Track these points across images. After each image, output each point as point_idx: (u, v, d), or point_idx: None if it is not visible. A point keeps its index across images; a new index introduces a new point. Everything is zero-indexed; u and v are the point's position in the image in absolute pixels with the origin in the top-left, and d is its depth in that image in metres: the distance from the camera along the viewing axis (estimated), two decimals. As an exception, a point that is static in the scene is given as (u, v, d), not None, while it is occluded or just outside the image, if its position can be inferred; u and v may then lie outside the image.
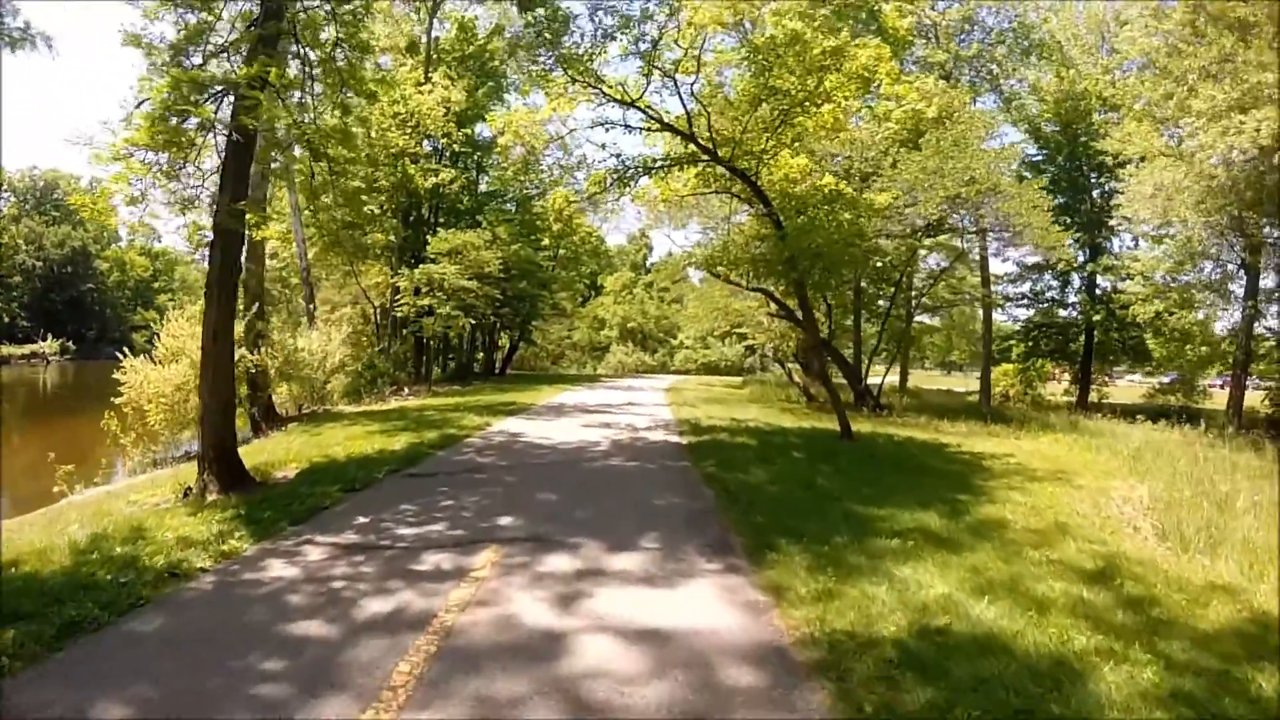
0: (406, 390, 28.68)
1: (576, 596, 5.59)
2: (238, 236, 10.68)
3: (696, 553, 6.76)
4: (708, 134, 15.04)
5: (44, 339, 69.03)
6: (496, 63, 35.07)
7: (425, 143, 34.02)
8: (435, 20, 36.16)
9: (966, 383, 57.09)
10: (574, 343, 67.92)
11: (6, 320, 71.17)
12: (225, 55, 10.63)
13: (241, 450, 15.24)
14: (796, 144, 16.73)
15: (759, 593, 5.76)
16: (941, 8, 33.37)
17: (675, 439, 14.93)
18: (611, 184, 15.63)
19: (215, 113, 10.53)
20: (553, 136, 17.73)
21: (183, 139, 10.13)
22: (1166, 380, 34.92)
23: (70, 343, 71.91)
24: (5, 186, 78.07)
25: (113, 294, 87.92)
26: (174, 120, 9.89)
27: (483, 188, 40.39)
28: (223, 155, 10.67)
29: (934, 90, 24.86)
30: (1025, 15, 34.03)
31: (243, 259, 21.87)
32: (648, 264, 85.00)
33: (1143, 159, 24.95)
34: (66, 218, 78.48)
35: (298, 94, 11.59)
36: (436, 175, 32.60)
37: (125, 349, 18.82)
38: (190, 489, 9.98)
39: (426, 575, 6.05)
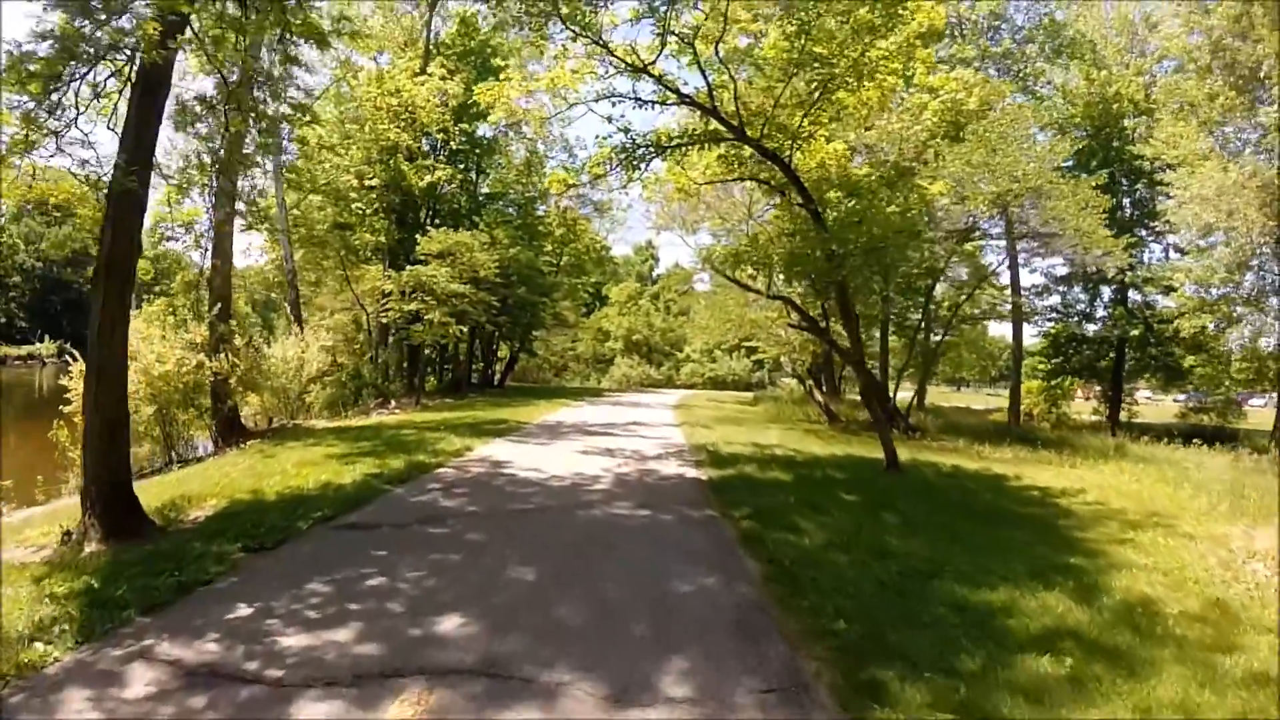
0: (394, 403, 26.32)
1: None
2: (135, 207, 8.21)
3: (757, 708, 4.09)
4: (733, 107, 12.62)
5: (41, 340, 67.00)
6: (499, 59, 32.90)
7: (424, 141, 31.99)
8: (436, 15, 34.30)
9: (978, 399, 55.15)
10: (577, 355, 65.43)
11: (4, 321, 69.21)
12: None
13: (165, 479, 13.20)
14: (834, 125, 14.27)
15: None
16: (969, 3, 31.27)
17: (693, 472, 12.30)
18: (617, 166, 13.12)
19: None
20: (544, 115, 14.90)
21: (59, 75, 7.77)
22: (1196, 399, 33.61)
23: (68, 345, 69.46)
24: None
25: (137, 299, 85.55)
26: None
27: (484, 190, 38.28)
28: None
29: (974, 80, 22.49)
30: (1054, 13, 32.06)
31: (207, 256, 20.19)
32: (654, 275, 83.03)
33: (1183, 163, 23.43)
34: (68, 218, 76.61)
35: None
36: (432, 173, 30.37)
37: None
38: (69, 533, 7.73)
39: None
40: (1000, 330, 38.45)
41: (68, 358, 16.72)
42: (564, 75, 13.58)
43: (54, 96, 8.19)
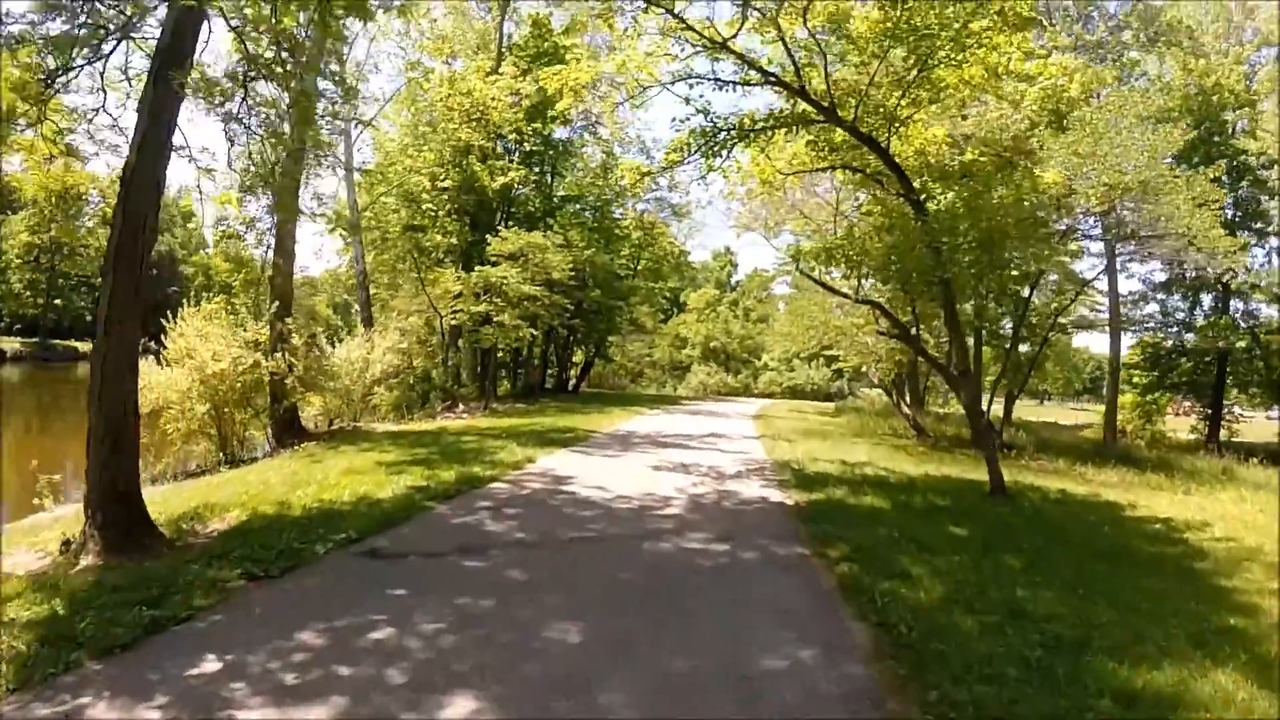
0: (461, 407, 25.58)
1: None
2: (149, 191, 7.31)
3: None
4: (824, 87, 11.27)
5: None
6: (574, 60, 32.07)
7: (497, 143, 31.41)
8: (509, 21, 33.82)
9: (1063, 414, 52.52)
10: (654, 361, 64.28)
11: (90, 319, 71.71)
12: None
13: (203, 483, 12.44)
14: (934, 107, 12.73)
15: None
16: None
17: (777, 495, 10.77)
18: (696, 153, 11.86)
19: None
20: (615, 102, 13.62)
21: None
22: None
23: (152, 343, 71.63)
24: (96, 190, 79.95)
25: (198, 297, 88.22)
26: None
27: (559, 193, 37.52)
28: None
29: (1074, 65, 20.53)
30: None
31: (270, 253, 19.69)
32: (733, 281, 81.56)
33: None
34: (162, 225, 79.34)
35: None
36: (505, 174, 29.66)
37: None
38: (68, 542, 7.01)
39: None
40: (1083, 341, 36.15)
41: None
42: (636, 56, 12.41)
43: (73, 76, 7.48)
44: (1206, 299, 31.78)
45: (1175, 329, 32.28)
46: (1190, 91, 27.95)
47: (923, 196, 11.91)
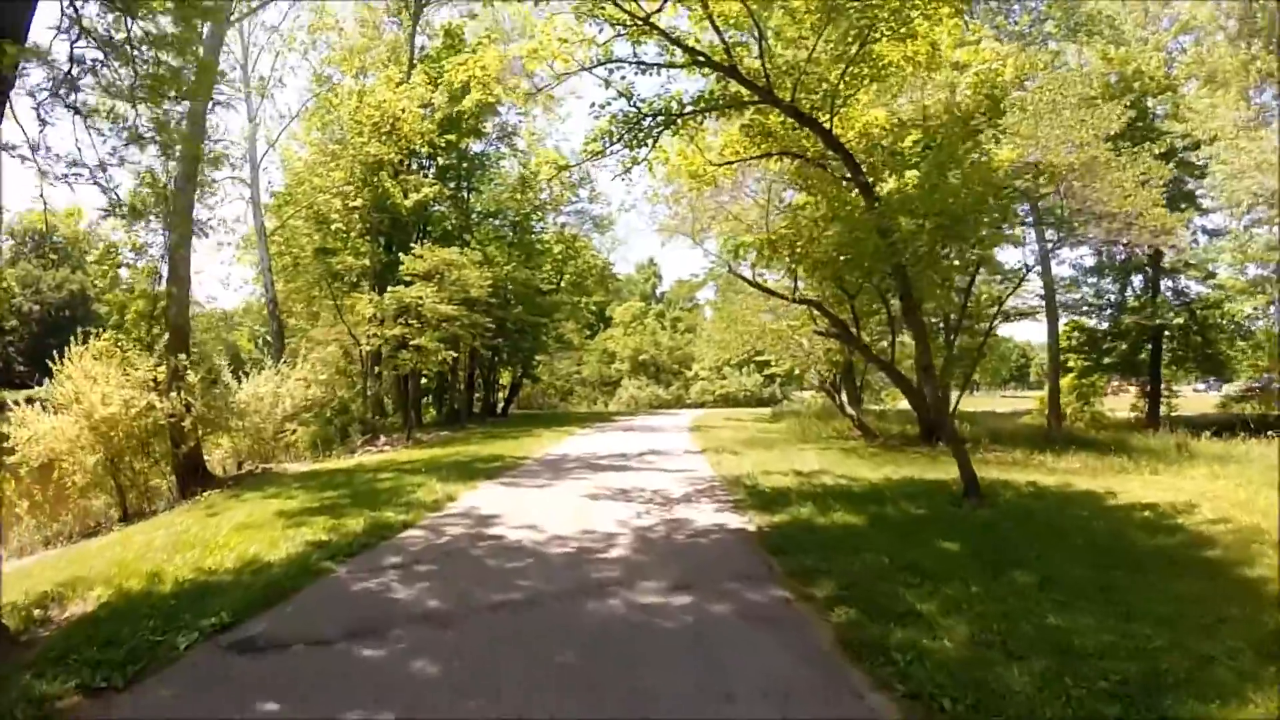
0: (383, 439, 23.92)
1: None
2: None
3: None
4: (758, 64, 10.21)
5: (40, 384, 65.35)
6: (482, 47, 30.94)
7: (411, 160, 30.01)
8: (420, 32, 32.52)
9: (995, 402, 53.20)
10: (583, 378, 63.14)
11: (3, 366, 67.80)
12: None
13: (79, 549, 10.85)
14: (875, 86, 11.79)
15: None
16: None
17: (735, 520, 9.43)
18: (619, 143, 10.65)
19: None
20: (528, 92, 12.29)
21: None
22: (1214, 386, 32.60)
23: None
24: (3, 230, 76.66)
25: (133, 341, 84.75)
26: None
27: (476, 209, 36.16)
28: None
29: (1005, 50, 20.10)
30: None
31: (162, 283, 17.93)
32: (658, 293, 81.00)
33: (1216, 138, 21.63)
34: (65, 260, 75.56)
35: None
36: (419, 191, 28.18)
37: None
38: None
39: None
40: (1006, 330, 36.47)
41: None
42: (549, 43, 11.20)
43: None
44: (1137, 280, 32.09)
45: (1109, 310, 32.41)
46: (1110, 80, 28.11)
47: (870, 180, 10.90)
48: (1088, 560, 7.08)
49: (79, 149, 8.16)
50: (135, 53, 7.13)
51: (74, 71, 6.91)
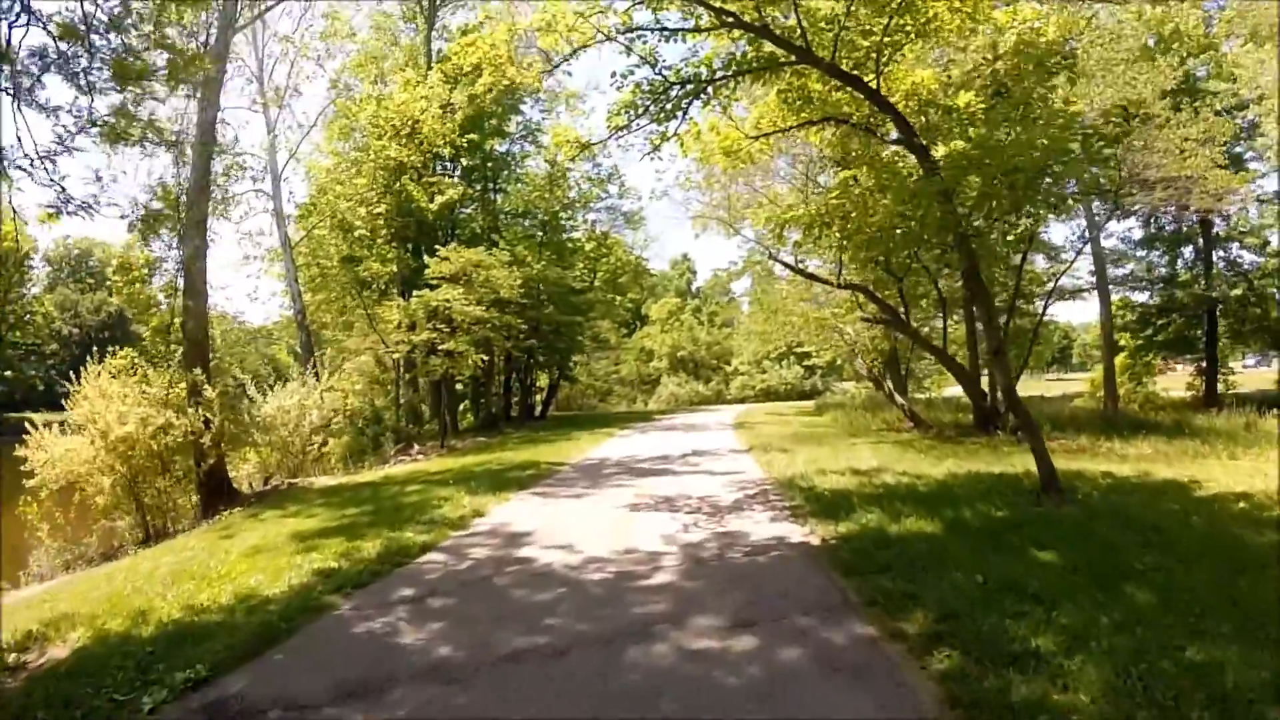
0: (417, 448, 23.20)
1: None
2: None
3: None
4: (792, 19, 9.20)
5: (77, 407, 66.52)
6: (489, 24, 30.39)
7: (436, 164, 29.40)
8: (437, 36, 31.93)
9: (1042, 386, 52.48)
10: (621, 377, 62.15)
11: (43, 389, 69.17)
12: None
13: (88, 576, 10.30)
14: (920, 43, 10.70)
15: None
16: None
17: (796, 532, 8.26)
18: (644, 115, 9.69)
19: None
20: (544, 69, 11.35)
21: None
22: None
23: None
24: (40, 256, 78.31)
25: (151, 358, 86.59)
26: None
27: (505, 209, 35.50)
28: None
29: (1047, 7, 18.88)
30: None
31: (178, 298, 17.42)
32: (694, 288, 79.91)
33: (1261, 97, 20.86)
34: (101, 284, 77.42)
35: None
36: (443, 193, 27.50)
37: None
38: None
39: None
40: (1053, 311, 34.94)
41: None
42: (562, 12, 10.25)
43: None
44: (1187, 251, 30.59)
45: (1160, 285, 30.85)
46: (1148, 42, 26.81)
47: (924, 144, 9.79)
48: (1203, 567, 6.02)
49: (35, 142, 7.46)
50: (94, 36, 6.31)
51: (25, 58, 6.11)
